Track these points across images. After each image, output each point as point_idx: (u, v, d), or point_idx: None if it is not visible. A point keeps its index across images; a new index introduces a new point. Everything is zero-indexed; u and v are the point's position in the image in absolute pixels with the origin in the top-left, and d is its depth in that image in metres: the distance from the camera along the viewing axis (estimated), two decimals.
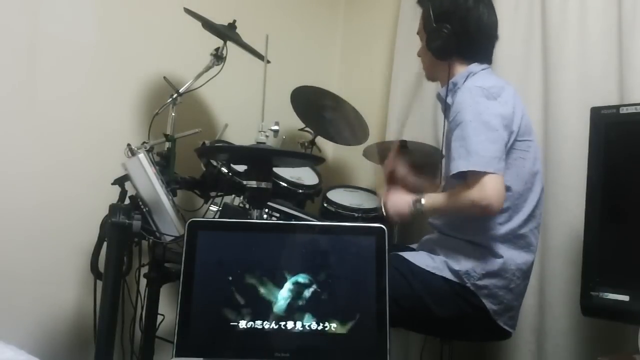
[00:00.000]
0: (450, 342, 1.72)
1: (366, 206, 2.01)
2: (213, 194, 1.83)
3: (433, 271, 1.51)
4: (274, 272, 1.14)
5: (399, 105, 2.41)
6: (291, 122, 2.19)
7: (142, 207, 1.56)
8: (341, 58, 2.83)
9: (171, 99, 1.83)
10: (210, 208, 1.74)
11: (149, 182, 1.55)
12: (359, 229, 1.21)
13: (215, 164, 1.83)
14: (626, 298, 1.31)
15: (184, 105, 1.88)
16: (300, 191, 1.95)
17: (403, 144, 2.11)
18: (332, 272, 1.14)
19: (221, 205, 1.69)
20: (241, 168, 1.81)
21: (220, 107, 2.31)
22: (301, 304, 1.12)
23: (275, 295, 1.12)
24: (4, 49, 1.77)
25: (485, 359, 2.05)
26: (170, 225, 1.56)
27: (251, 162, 1.55)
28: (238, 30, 1.92)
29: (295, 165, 1.91)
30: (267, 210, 1.69)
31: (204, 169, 1.88)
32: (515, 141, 1.49)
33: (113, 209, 1.48)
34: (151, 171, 1.55)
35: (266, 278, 1.13)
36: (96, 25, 1.96)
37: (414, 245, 1.73)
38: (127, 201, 1.61)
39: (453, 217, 1.59)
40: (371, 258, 1.14)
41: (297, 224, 1.37)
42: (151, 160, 1.58)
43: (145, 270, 1.82)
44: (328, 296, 1.13)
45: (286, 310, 1.12)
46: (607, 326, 1.70)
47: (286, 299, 1.12)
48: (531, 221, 1.54)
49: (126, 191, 1.63)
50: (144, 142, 1.72)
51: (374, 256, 1.14)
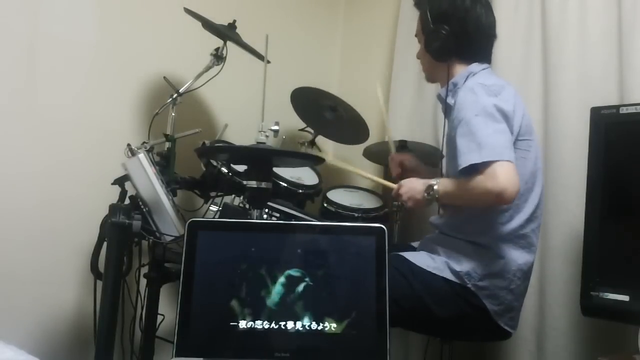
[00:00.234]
0: (451, 342, 1.72)
1: (366, 206, 2.01)
2: (213, 194, 1.83)
3: (433, 271, 1.51)
4: (274, 272, 1.14)
5: (399, 105, 2.42)
6: (291, 122, 2.19)
7: (142, 207, 1.56)
8: (341, 58, 2.83)
9: (171, 99, 1.83)
10: (210, 208, 1.73)
11: (149, 182, 1.55)
12: (359, 229, 1.21)
13: (215, 164, 1.82)
14: (626, 298, 1.31)
15: (184, 105, 1.88)
16: (300, 191, 1.95)
17: (403, 144, 2.12)
18: (332, 272, 1.15)
19: (221, 205, 1.69)
20: (241, 168, 1.81)
21: (220, 107, 2.30)
22: (301, 304, 1.12)
23: (276, 295, 1.13)
24: (4, 49, 1.77)
25: (485, 359, 2.05)
26: (170, 225, 1.56)
27: (251, 162, 1.55)
28: (238, 30, 1.92)
29: (295, 165, 1.91)
30: (267, 210, 1.69)
31: (204, 169, 1.88)
32: (517, 140, 1.48)
33: (113, 209, 1.48)
34: (151, 171, 1.55)
35: (266, 278, 1.13)
36: (96, 25, 1.96)
37: (415, 243, 1.73)
38: (127, 201, 1.61)
39: (454, 217, 1.59)
40: (371, 258, 1.14)
41: (297, 224, 1.37)
42: (151, 160, 1.58)
43: (145, 270, 1.82)
44: (328, 296, 1.13)
45: (287, 310, 1.12)
46: (607, 326, 1.70)
47: (286, 299, 1.12)
48: (533, 221, 1.54)
49: (126, 191, 1.63)
50: (144, 142, 1.72)
51: (374, 256, 1.15)
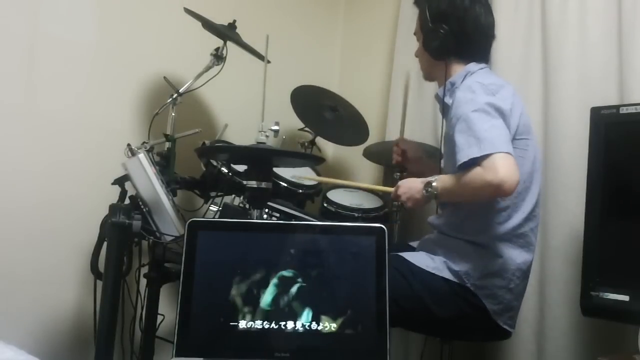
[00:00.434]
0: (450, 342, 1.72)
1: (366, 206, 2.01)
2: (213, 194, 1.83)
3: (433, 271, 1.51)
4: (274, 272, 1.14)
5: (399, 105, 2.42)
6: (291, 122, 2.19)
7: (142, 207, 1.56)
8: (341, 58, 2.83)
9: (171, 99, 1.83)
10: (210, 208, 1.74)
11: (149, 182, 1.55)
12: (359, 229, 1.21)
13: (215, 164, 1.83)
14: (626, 298, 1.31)
15: (184, 105, 1.88)
16: (300, 191, 1.95)
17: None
18: (332, 272, 1.15)
19: (221, 205, 1.69)
20: (241, 168, 1.81)
21: (220, 107, 2.30)
22: (302, 303, 1.12)
23: (276, 295, 1.13)
24: (4, 49, 1.77)
25: (485, 359, 2.04)
26: (170, 225, 1.56)
27: (251, 162, 1.55)
28: (238, 30, 1.92)
29: (295, 165, 1.91)
30: (267, 210, 1.69)
31: (204, 169, 1.88)
32: (514, 140, 1.48)
33: (113, 209, 1.48)
34: (151, 171, 1.55)
35: (266, 278, 1.13)
36: (96, 25, 1.96)
37: (414, 243, 1.73)
38: (127, 201, 1.61)
39: (453, 217, 1.59)
40: (371, 258, 1.15)
41: (297, 224, 1.37)
42: (151, 160, 1.58)
43: (145, 270, 1.82)
44: (328, 296, 1.13)
45: (287, 310, 1.12)
46: (607, 326, 1.70)
47: (286, 299, 1.12)
48: (531, 220, 1.54)
49: (126, 191, 1.63)
50: (144, 142, 1.72)
51: (374, 256, 1.15)
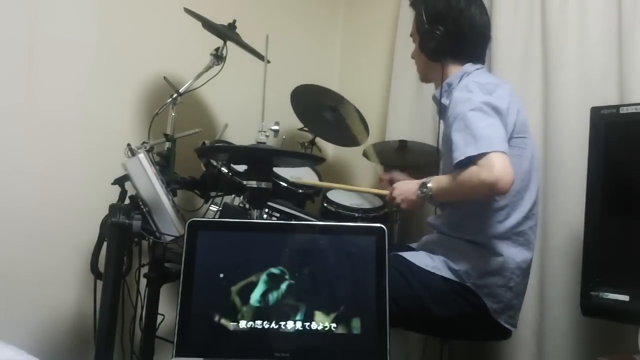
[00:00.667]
0: (450, 342, 1.72)
1: (366, 206, 2.01)
2: (213, 194, 1.83)
3: (433, 271, 1.51)
4: (274, 272, 1.14)
5: (399, 105, 2.42)
6: (291, 122, 2.19)
7: (142, 207, 1.56)
8: (341, 58, 2.83)
9: (171, 99, 1.83)
10: (210, 208, 1.73)
11: (149, 182, 1.55)
12: (359, 229, 1.21)
13: (215, 164, 1.82)
14: (626, 298, 1.31)
15: (184, 105, 1.88)
16: (300, 191, 1.95)
17: (403, 144, 2.12)
18: (332, 272, 1.15)
19: (221, 205, 1.69)
20: (241, 168, 1.81)
21: (220, 107, 2.30)
22: (302, 303, 1.12)
23: (276, 295, 1.13)
24: (4, 49, 1.77)
25: (485, 359, 2.05)
26: (170, 225, 1.56)
27: (251, 162, 1.55)
28: (238, 30, 1.92)
29: (295, 165, 1.91)
30: (267, 210, 1.69)
31: (204, 169, 1.88)
32: (511, 138, 1.48)
33: (113, 209, 1.48)
34: (151, 171, 1.55)
35: (266, 278, 1.13)
36: (96, 25, 1.96)
37: (413, 244, 1.74)
38: (127, 201, 1.61)
39: (452, 217, 1.59)
40: (371, 258, 1.14)
41: (297, 224, 1.37)
42: (151, 160, 1.58)
43: (145, 270, 1.82)
44: (328, 296, 1.13)
45: (287, 310, 1.12)
46: (607, 326, 1.71)
47: (286, 299, 1.12)
48: (530, 219, 1.55)
49: (126, 191, 1.63)
50: (144, 142, 1.72)
51: (374, 256, 1.15)
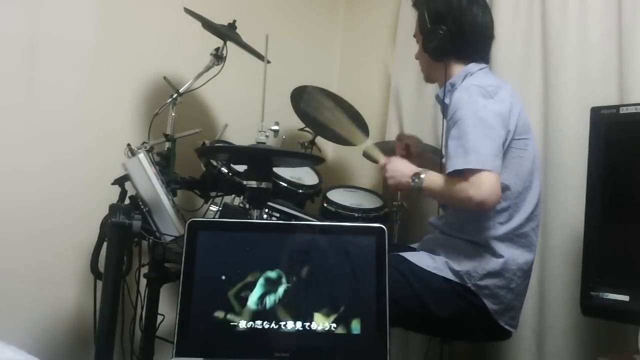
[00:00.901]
0: (451, 342, 1.72)
1: (366, 206, 2.01)
2: (213, 194, 1.83)
3: (434, 271, 1.51)
4: (274, 271, 1.14)
5: (399, 106, 2.42)
6: (291, 122, 2.19)
7: (142, 207, 1.56)
8: (341, 58, 2.83)
9: (171, 99, 1.83)
10: (210, 208, 1.73)
11: (149, 182, 1.55)
12: (359, 229, 1.21)
13: (215, 164, 1.82)
14: (626, 298, 1.31)
15: (184, 105, 1.88)
16: (300, 191, 1.95)
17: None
18: (332, 272, 1.15)
19: (221, 205, 1.69)
20: (241, 168, 1.81)
21: (220, 107, 2.30)
22: (301, 303, 1.12)
23: (276, 295, 1.13)
24: (4, 49, 1.77)
25: (485, 359, 2.04)
26: (170, 225, 1.56)
27: (251, 162, 1.55)
28: (238, 30, 1.92)
29: (295, 165, 1.91)
30: (267, 210, 1.69)
31: (204, 169, 1.88)
32: (513, 140, 1.48)
33: (113, 209, 1.48)
34: (151, 171, 1.55)
35: (266, 278, 1.13)
36: (96, 25, 1.96)
37: (414, 245, 1.73)
38: (127, 201, 1.61)
39: (454, 217, 1.59)
40: (371, 258, 1.14)
41: (297, 224, 1.37)
42: (151, 160, 1.58)
43: (145, 270, 1.82)
44: (328, 296, 1.13)
45: (287, 310, 1.12)
46: (607, 326, 1.70)
47: (286, 299, 1.12)
48: (532, 220, 1.55)
49: (126, 191, 1.63)
50: (144, 142, 1.72)
51: (374, 256, 1.15)
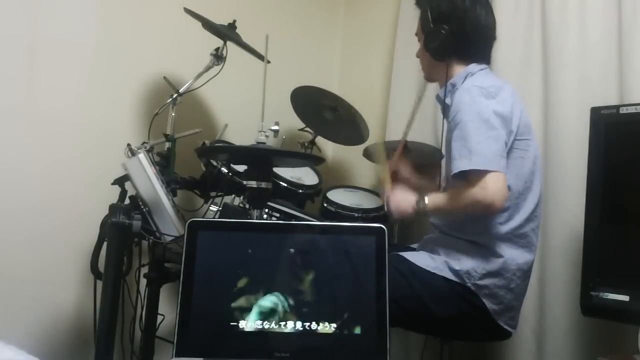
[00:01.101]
0: (450, 342, 1.72)
1: (366, 206, 2.01)
2: (213, 194, 1.83)
3: (433, 271, 1.51)
4: (274, 271, 1.14)
5: (399, 105, 2.41)
6: (291, 122, 2.19)
7: (142, 207, 1.56)
8: (341, 58, 2.83)
9: (171, 99, 1.83)
10: (210, 208, 1.73)
11: (149, 182, 1.55)
12: (359, 229, 1.21)
13: (215, 164, 1.82)
14: (626, 298, 1.31)
15: (184, 105, 1.88)
16: (300, 191, 1.95)
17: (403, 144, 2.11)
18: (332, 272, 1.15)
19: (221, 205, 1.69)
20: (241, 168, 1.81)
21: (220, 107, 2.30)
22: (301, 304, 1.12)
23: (275, 295, 1.12)
24: (4, 49, 1.77)
25: (485, 359, 2.04)
26: (170, 225, 1.56)
27: (251, 162, 1.55)
28: (238, 30, 1.92)
29: (295, 165, 1.91)
30: (267, 210, 1.69)
31: (204, 169, 1.88)
32: (515, 140, 1.49)
33: (113, 209, 1.48)
34: (151, 171, 1.55)
35: (266, 278, 1.13)
36: (96, 25, 1.96)
37: (414, 245, 1.73)
38: (127, 201, 1.61)
39: (454, 217, 1.59)
40: (371, 258, 1.14)
41: (297, 224, 1.37)
42: (151, 160, 1.58)
43: (145, 270, 1.82)
44: (328, 296, 1.13)
45: (287, 309, 1.12)
46: (607, 326, 1.70)
47: (286, 299, 1.12)
48: (532, 220, 1.55)
49: (126, 191, 1.63)
50: (144, 142, 1.72)
51: (374, 256, 1.14)
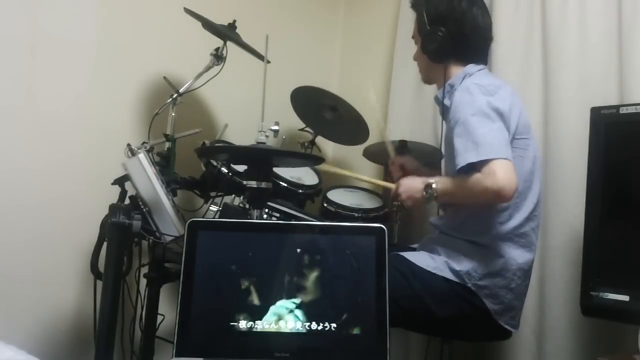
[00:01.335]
0: (451, 342, 1.72)
1: (366, 206, 2.01)
2: (213, 194, 1.83)
3: (434, 271, 1.51)
4: (274, 271, 1.14)
5: (398, 105, 2.42)
6: (291, 122, 2.19)
7: (142, 207, 1.56)
8: (341, 58, 2.83)
9: (171, 99, 1.83)
10: (210, 208, 1.73)
11: (149, 182, 1.55)
12: (359, 229, 1.21)
13: (215, 164, 1.82)
14: (626, 298, 1.31)
15: (184, 105, 1.88)
16: (300, 191, 1.95)
17: (403, 144, 2.12)
18: (332, 272, 1.15)
19: (221, 205, 1.69)
20: (241, 168, 1.81)
21: (220, 107, 2.30)
22: (301, 303, 1.12)
23: (275, 294, 1.13)
24: (4, 49, 1.77)
25: (485, 359, 2.05)
26: (170, 225, 1.56)
27: (251, 162, 1.55)
28: (238, 30, 1.92)
29: (295, 165, 1.91)
30: (267, 210, 1.69)
31: (204, 169, 1.88)
32: (514, 139, 1.48)
33: (113, 209, 1.48)
34: (151, 171, 1.55)
35: (266, 278, 1.13)
36: (96, 25, 1.96)
37: (414, 245, 1.73)
38: (127, 201, 1.61)
39: (454, 217, 1.59)
40: (371, 258, 1.15)
41: (297, 224, 1.37)
42: (151, 160, 1.58)
43: (145, 270, 1.82)
44: (328, 296, 1.13)
45: (286, 309, 1.12)
46: (607, 326, 1.71)
47: (286, 299, 1.12)
48: (532, 220, 1.54)
49: (126, 191, 1.63)
50: (144, 142, 1.72)
51: (374, 256, 1.15)
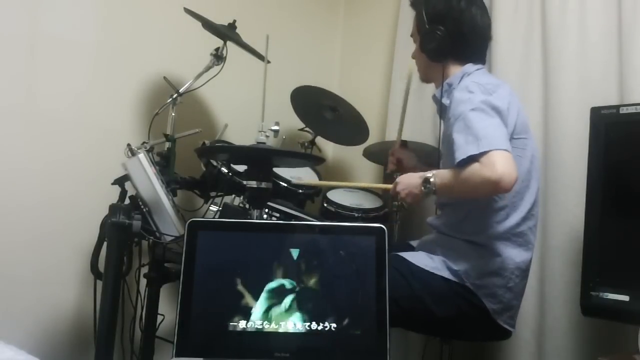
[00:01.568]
0: (450, 342, 1.72)
1: (366, 206, 2.01)
2: (213, 194, 1.83)
3: (432, 271, 1.51)
4: (274, 271, 1.14)
5: (399, 106, 2.41)
6: (291, 122, 2.19)
7: (142, 207, 1.56)
8: (341, 58, 2.83)
9: (171, 99, 1.83)
10: (210, 208, 1.73)
11: (149, 182, 1.55)
12: (359, 229, 1.21)
13: (215, 164, 1.83)
14: (626, 298, 1.31)
15: (184, 105, 1.88)
16: (300, 191, 1.95)
17: (403, 143, 2.11)
18: (332, 272, 1.15)
19: (221, 205, 1.69)
20: (241, 168, 1.81)
21: (220, 107, 2.31)
22: (301, 303, 1.12)
23: (276, 295, 1.13)
24: (4, 49, 1.77)
25: (485, 359, 2.05)
26: (170, 225, 1.56)
27: (251, 162, 1.55)
28: (238, 30, 1.92)
29: (295, 165, 1.91)
30: (267, 210, 1.69)
31: (204, 169, 1.88)
32: (512, 139, 1.48)
33: (113, 209, 1.48)
34: (151, 171, 1.55)
35: (266, 278, 1.13)
36: (96, 25, 1.96)
37: (414, 242, 1.73)
38: (127, 201, 1.61)
39: (451, 217, 1.59)
40: (371, 258, 1.15)
41: (297, 224, 1.37)
42: (151, 160, 1.58)
43: (145, 270, 1.82)
44: (328, 296, 1.13)
45: (286, 310, 1.12)
46: (607, 326, 1.71)
47: (287, 299, 1.13)
48: (530, 219, 1.54)
49: (126, 191, 1.63)
50: (144, 142, 1.72)
51: (374, 256, 1.15)
